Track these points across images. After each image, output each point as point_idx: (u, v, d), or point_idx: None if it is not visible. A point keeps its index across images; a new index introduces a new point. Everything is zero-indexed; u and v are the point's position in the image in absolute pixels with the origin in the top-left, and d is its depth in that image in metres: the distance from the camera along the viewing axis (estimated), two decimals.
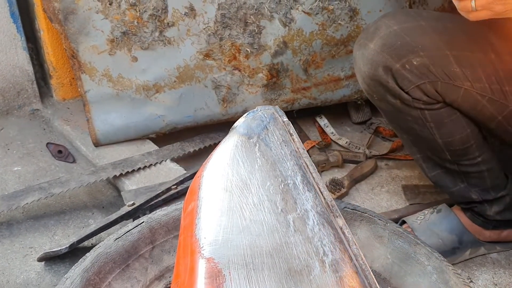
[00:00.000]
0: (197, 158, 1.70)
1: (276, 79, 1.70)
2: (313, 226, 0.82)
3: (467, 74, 1.16)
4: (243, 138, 0.95)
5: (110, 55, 1.58)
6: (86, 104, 1.63)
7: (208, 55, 1.63)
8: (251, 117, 0.98)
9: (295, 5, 1.61)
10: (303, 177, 0.89)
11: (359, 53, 1.22)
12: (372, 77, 1.20)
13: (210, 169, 0.94)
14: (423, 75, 1.16)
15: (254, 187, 0.88)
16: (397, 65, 1.15)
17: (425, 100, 1.18)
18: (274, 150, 0.93)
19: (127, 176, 1.54)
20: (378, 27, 1.20)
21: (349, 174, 1.61)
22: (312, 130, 1.86)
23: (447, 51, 1.16)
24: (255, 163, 0.91)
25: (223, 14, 1.58)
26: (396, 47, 1.16)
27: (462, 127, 1.23)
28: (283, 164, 0.90)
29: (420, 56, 1.15)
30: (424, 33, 1.18)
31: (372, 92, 1.24)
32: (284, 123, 0.97)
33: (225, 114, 1.71)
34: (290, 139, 0.95)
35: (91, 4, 1.53)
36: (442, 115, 1.21)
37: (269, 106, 1.01)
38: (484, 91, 1.17)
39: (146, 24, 1.56)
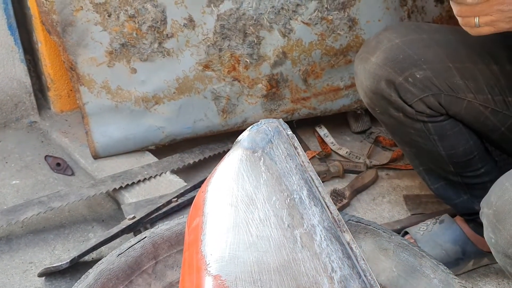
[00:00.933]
0: (197, 169, 1.69)
1: (276, 89, 1.70)
2: (320, 241, 0.82)
3: (470, 86, 1.16)
4: (247, 152, 0.94)
5: (109, 67, 1.57)
6: (85, 116, 1.62)
7: (207, 66, 1.62)
8: (255, 131, 0.97)
9: (294, 16, 1.61)
10: (309, 191, 0.88)
11: (361, 67, 1.21)
12: (375, 91, 1.19)
13: (215, 184, 0.93)
14: (427, 88, 1.15)
15: (260, 202, 0.87)
16: (400, 79, 1.15)
17: (428, 113, 1.17)
18: (279, 164, 0.92)
19: (127, 188, 1.52)
20: (380, 40, 1.19)
21: (350, 184, 1.61)
22: (312, 140, 1.85)
23: (450, 63, 1.16)
24: (260, 177, 0.90)
25: (222, 25, 1.58)
26: (398, 61, 1.15)
27: (465, 139, 1.23)
28: (289, 178, 0.90)
29: (423, 69, 1.14)
30: (426, 46, 1.17)
31: (374, 105, 1.23)
32: (288, 137, 0.97)
33: (225, 125, 1.71)
34: (295, 152, 0.94)
35: (90, 16, 1.52)
36: (445, 128, 1.21)
37: (273, 119, 1.01)
38: (487, 103, 1.16)
39: (145, 36, 1.56)
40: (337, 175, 1.67)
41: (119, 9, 1.52)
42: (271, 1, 1.58)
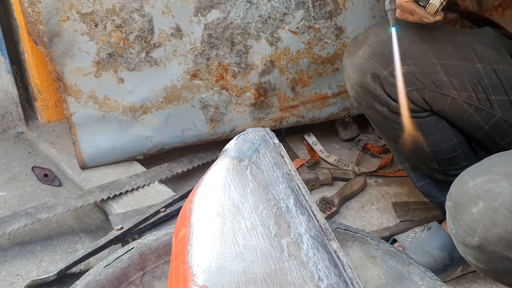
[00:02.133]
0: (185, 179, 1.68)
1: (264, 98, 1.70)
2: (307, 250, 0.81)
3: (454, 82, 1.17)
4: (234, 162, 0.94)
5: (96, 76, 1.57)
6: (72, 126, 1.61)
7: (195, 75, 1.62)
8: (242, 140, 0.98)
9: (282, 25, 1.61)
10: (296, 200, 0.88)
11: (348, 61, 1.22)
12: (361, 84, 1.20)
13: (201, 194, 0.92)
14: (411, 83, 1.16)
15: (247, 212, 0.87)
16: (385, 72, 1.16)
17: (412, 108, 1.18)
18: (266, 173, 0.92)
19: (115, 199, 1.52)
20: (367, 35, 1.21)
21: (339, 192, 1.61)
22: (301, 148, 1.85)
23: (434, 59, 1.17)
24: (247, 186, 0.90)
25: (210, 34, 1.58)
26: (384, 55, 1.17)
27: (449, 136, 1.24)
28: (275, 187, 0.90)
29: (407, 64, 1.16)
30: (412, 42, 1.19)
31: (360, 99, 1.24)
32: (275, 145, 0.97)
33: (213, 134, 1.71)
34: (281, 161, 0.94)
35: (77, 26, 1.51)
36: (429, 124, 1.22)
37: (259, 128, 1.01)
38: (471, 100, 1.18)
39: (132, 45, 1.56)
40: (326, 182, 1.67)
41: (106, 19, 1.52)
42: (258, 10, 1.58)
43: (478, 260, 0.91)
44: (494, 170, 0.89)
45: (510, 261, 0.87)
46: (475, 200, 0.87)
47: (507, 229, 0.84)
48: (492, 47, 1.20)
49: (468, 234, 0.89)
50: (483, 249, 0.88)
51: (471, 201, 0.88)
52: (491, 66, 1.18)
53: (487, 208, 0.86)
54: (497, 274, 0.93)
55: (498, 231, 0.85)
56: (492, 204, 0.85)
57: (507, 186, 0.85)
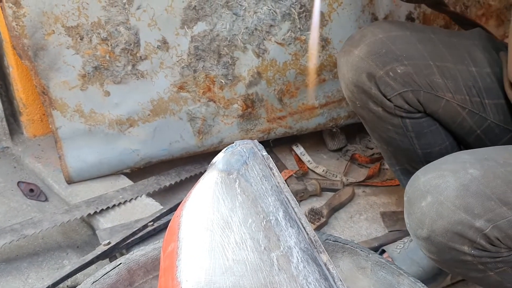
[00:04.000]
0: (173, 192, 1.67)
1: (252, 109, 1.70)
2: (297, 263, 0.81)
3: (449, 85, 1.17)
4: (222, 175, 0.93)
5: (82, 90, 1.56)
6: (58, 140, 1.59)
7: (182, 88, 1.62)
8: (230, 152, 0.97)
9: (268, 36, 1.62)
10: (285, 213, 0.87)
11: (344, 60, 1.22)
12: (356, 84, 1.20)
13: (190, 207, 0.91)
14: (406, 84, 1.16)
15: (236, 225, 0.86)
16: (381, 72, 1.15)
17: (406, 109, 1.18)
18: (255, 186, 0.91)
19: (102, 213, 1.50)
20: (364, 34, 1.21)
21: (327, 203, 1.61)
22: (289, 158, 1.85)
23: (431, 61, 1.17)
24: (235, 200, 0.89)
25: (196, 47, 1.58)
26: (381, 55, 1.16)
27: (442, 138, 1.24)
28: (264, 200, 0.89)
29: (404, 65, 1.15)
30: (409, 43, 1.18)
31: (355, 99, 1.23)
32: (263, 158, 0.96)
33: (201, 146, 1.70)
34: (270, 173, 0.93)
35: (62, 40, 1.50)
36: (423, 125, 1.22)
37: (247, 141, 1.00)
38: (465, 103, 1.17)
39: (118, 58, 1.55)
40: (315, 193, 1.67)
41: (91, 32, 1.51)
42: (244, 22, 1.58)
43: (429, 251, 0.97)
44: (443, 167, 0.95)
45: (456, 251, 0.93)
46: (424, 195, 0.94)
47: (451, 221, 0.90)
48: (485, 50, 1.21)
49: (418, 227, 0.95)
50: (431, 240, 0.94)
51: (421, 195, 0.94)
52: (485, 70, 1.18)
53: (434, 201, 0.92)
54: (449, 265, 0.99)
55: (443, 223, 0.91)
56: (439, 198, 0.91)
57: (452, 181, 0.91)
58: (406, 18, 1.81)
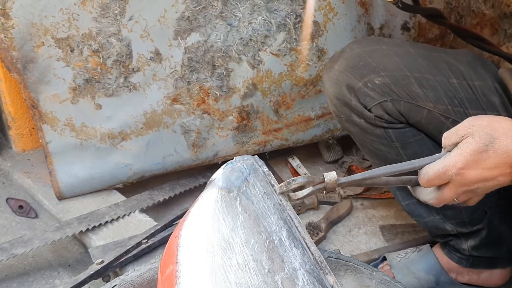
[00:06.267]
0: (167, 206, 1.63)
1: (247, 121, 1.67)
2: (303, 286, 0.77)
3: (429, 95, 1.17)
4: (222, 192, 0.89)
5: (73, 103, 1.52)
6: (48, 155, 1.55)
7: (176, 100, 1.58)
8: (230, 169, 0.93)
9: (263, 47, 1.59)
10: (289, 232, 0.84)
11: (326, 76, 1.26)
12: (338, 97, 1.22)
13: (188, 227, 0.87)
14: (385, 94, 1.17)
15: (238, 246, 0.82)
16: (359, 84, 1.18)
17: (386, 119, 1.19)
18: (257, 204, 0.88)
19: (94, 231, 1.45)
20: (343, 50, 1.26)
21: (325, 216, 1.57)
22: (285, 171, 1.82)
23: (408, 72, 1.19)
24: (237, 219, 0.86)
25: (190, 58, 1.55)
26: (358, 67, 1.19)
27: (429, 148, 1.23)
28: (267, 218, 0.85)
29: (381, 76, 1.17)
30: (385, 56, 1.21)
31: (339, 113, 1.26)
32: (264, 174, 0.93)
33: (196, 159, 1.66)
34: (272, 190, 0.90)
35: (52, 52, 1.47)
36: (407, 135, 1.21)
37: (248, 156, 0.97)
38: (448, 113, 1.17)
39: (110, 70, 1.51)
40: (312, 207, 1.63)
41: (82, 44, 1.47)
42: (239, 32, 1.56)
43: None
44: None
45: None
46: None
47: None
48: (467, 65, 1.21)
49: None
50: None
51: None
52: (466, 82, 1.19)
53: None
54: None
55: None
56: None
57: None
58: (401, 27, 1.79)
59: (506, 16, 1.98)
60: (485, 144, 0.85)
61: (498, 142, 0.84)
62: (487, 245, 1.31)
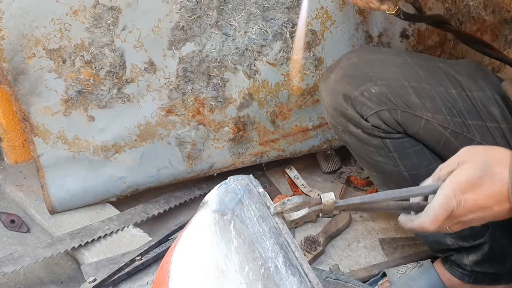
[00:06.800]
0: (162, 220, 1.59)
1: (243, 132, 1.63)
2: None
3: (427, 105, 1.15)
4: (216, 215, 0.86)
5: (65, 115, 1.49)
6: (40, 169, 1.51)
7: (170, 111, 1.55)
8: (224, 190, 0.90)
9: (259, 57, 1.55)
10: (285, 258, 0.80)
11: (323, 86, 1.25)
12: (334, 107, 1.21)
13: (180, 253, 0.84)
14: (382, 103, 1.16)
15: (232, 274, 0.79)
16: (355, 93, 1.16)
17: (384, 129, 1.17)
18: (251, 228, 0.84)
19: (87, 246, 1.42)
20: (339, 60, 1.25)
21: (323, 230, 1.54)
22: (282, 182, 1.79)
23: (405, 82, 1.17)
24: (231, 244, 0.82)
25: (185, 68, 1.52)
26: (354, 76, 1.18)
27: (427, 159, 1.20)
28: (262, 243, 0.82)
29: (378, 85, 1.16)
30: (383, 65, 1.20)
31: (336, 123, 1.24)
32: (260, 195, 0.89)
33: (191, 172, 1.63)
34: (267, 213, 0.86)
35: (43, 63, 1.43)
36: (405, 145, 1.19)
37: (242, 176, 0.93)
38: (446, 123, 1.16)
39: (103, 82, 1.48)
40: (310, 219, 1.60)
41: (74, 55, 1.44)
42: (234, 42, 1.53)
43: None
44: None
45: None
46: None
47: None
48: (467, 76, 1.20)
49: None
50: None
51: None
52: (465, 93, 1.17)
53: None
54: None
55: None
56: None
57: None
58: (400, 35, 1.76)
59: (506, 22, 1.95)
60: (480, 170, 0.83)
61: (493, 169, 0.83)
62: (490, 260, 1.28)
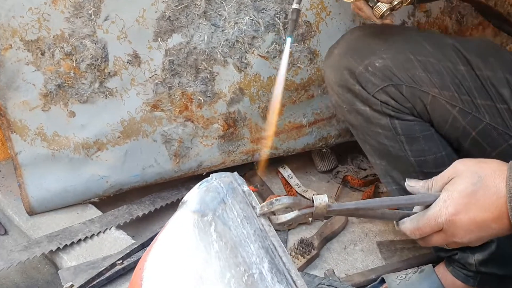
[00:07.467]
0: (148, 221, 1.51)
1: (234, 129, 1.55)
2: None
3: (433, 80, 1.11)
4: (195, 216, 0.78)
5: (44, 111, 1.41)
6: (18, 167, 1.43)
7: (156, 106, 1.47)
8: (205, 189, 0.82)
9: (251, 49, 1.47)
10: (271, 264, 0.72)
11: (327, 63, 1.22)
12: (340, 83, 1.17)
13: (155, 258, 0.76)
14: (386, 78, 1.11)
15: (211, 281, 0.71)
16: (360, 68, 1.13)
17: (393, 105, 1.12)
18: (234, 230, 0.76)
19: (66, 250, 1.34)
20: (343, 36, 1.24)
21: (318, 232, 1.46)
22: (276, 181, 1.71)
23: (411, 55, 1.12)
24: (211, 248, 0.74)
25: (171, 61, 1.44)
26: (358, 50, 1.16)
27: (437, 146, 1.15)
28: (246, 248, 0.74)
29: (382, 58, 1.12)
30: (388, 38, 1.16)
31: (342, 102, 1.19)
32: (244, 194, 0.81)
33: (178, 171, 1.54)
34: (252, 214, 0.78)
35: (20, 55, 1.35)
36: (414, 128, 1.14)
37: (225, 173, 0.85)
38: (454, 101, 1.10)
39: (84, 75, 1.40)
40: (304, 221, 1.51)
41: (54, 46, 1.36)
42: (224, 33, 1.45)
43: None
44: None
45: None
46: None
47: None
48: (477, 54, 1.14)
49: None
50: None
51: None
52: (474, 71, 1.12)
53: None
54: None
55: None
56: None
57: None
58: None
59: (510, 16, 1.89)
60: (472, 183, 0.79)
61: (486, 181, 0.78)
62: (497, 261, 1.21)
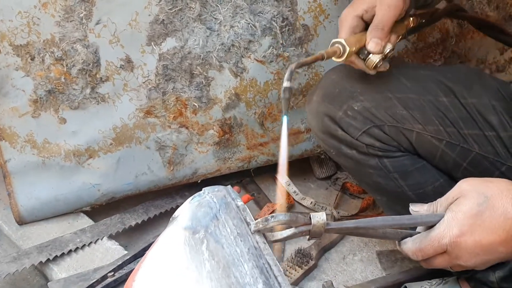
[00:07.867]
0: (141, 231, 1.47)
1: (229, 135, 1.51)
2: None
3: (416, 116, 1.08)
4: (186, 234, 0.74)
5: (34, 117, 1.37)
6: (7, 175, 1.39)
7: (149, 112, 1.43)
8: (197, 203, 0.78)
9: (247, 53, 1.44)
10: (266, 285, 0.68)
11: (308, 109, 1.19)
12: (322, 130, 1.14)
13: (143, 278, 0.72)
14: (367, 120, 1.08)
15: None
16: (339, 113, 1.10)
17: (379, 146, 1.09)
18: (227, 248, 0.72)
19: (56, 261, 1.29)
20: (320, 80, 1.19)
21: (316, 242, 1.42)
22: (273, 189, 1.67)
23: (389, 94, 1.09)
24: (202, 268, 0.70)
25: (165, 66, 1.40)
26: (335, 95, 1.12)
27: (433, 175, 1.11)
28: (239, 267, 0.70)
29: (360, 101, 1.09)
30: (363, 78, 1.11)
31: (328, 147, 1.17)
32: (238, 209, 0.78)
33: (172, 178, 1.51)
34: (246, 230, 0.74)
35: (10, 60, 1.32)
36: (405, 163, 1.10)
37: (218, 187, 0.81)
38: (440, 134, 1.07)
39: (75, 80, 1.36)
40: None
41: (44, 51, 1.33)
42: (220, 37, 1.41)
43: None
44: None
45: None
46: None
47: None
48: (459, 82, 1.11)
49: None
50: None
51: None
52: (458, 100, 1.09)
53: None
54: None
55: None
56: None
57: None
58: None
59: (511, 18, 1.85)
60: (478, 204, 0.75)
61: (493, 202, 0.75)
62: None
